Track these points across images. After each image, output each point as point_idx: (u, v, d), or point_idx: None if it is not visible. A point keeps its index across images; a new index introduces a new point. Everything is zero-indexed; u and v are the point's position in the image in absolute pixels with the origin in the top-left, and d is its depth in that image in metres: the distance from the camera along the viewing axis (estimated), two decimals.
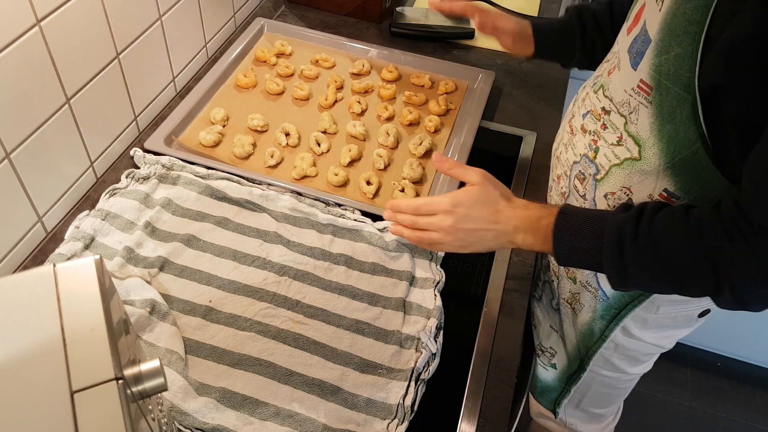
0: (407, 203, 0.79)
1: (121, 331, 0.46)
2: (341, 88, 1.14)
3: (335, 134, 1.04)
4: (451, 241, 0.77)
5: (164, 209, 0.88)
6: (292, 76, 1.16)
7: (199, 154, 0.98)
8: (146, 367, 0.46)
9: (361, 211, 0.92)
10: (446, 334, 0.80)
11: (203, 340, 0.76)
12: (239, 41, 1.19)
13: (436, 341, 0.78)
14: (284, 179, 0.95)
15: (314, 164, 0.98)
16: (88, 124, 0.89)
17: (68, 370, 0.39)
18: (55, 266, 0.45)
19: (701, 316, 0.85)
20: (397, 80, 1.16)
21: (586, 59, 0.94)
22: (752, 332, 1.76)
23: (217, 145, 1.00)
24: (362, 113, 1.09)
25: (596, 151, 0.76)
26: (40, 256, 0.84)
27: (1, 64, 0.71)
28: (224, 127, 1.03)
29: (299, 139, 1.02)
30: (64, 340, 0.40)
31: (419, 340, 0.78)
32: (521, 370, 0.96)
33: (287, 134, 1.02)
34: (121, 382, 0.39)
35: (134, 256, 0.82)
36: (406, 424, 0.71)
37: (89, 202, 0.92)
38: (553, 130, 1.14)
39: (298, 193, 0.93)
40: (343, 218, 0.90)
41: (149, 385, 0.46)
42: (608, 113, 0.74)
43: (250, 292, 0.81)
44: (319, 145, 1.01)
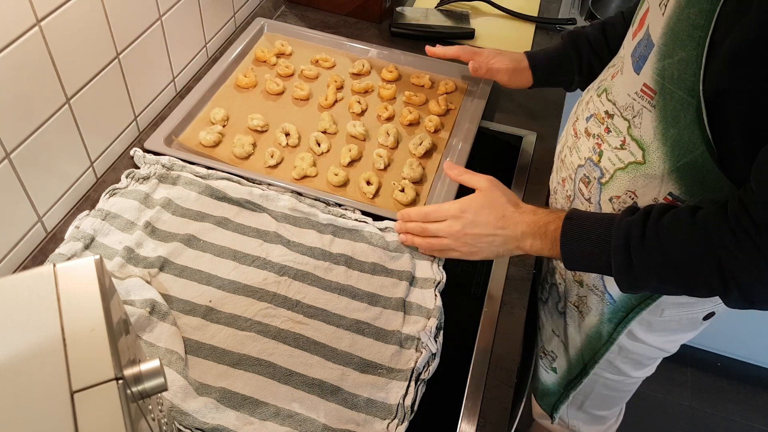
0: (417, 210, 0.83)
1: (121, 331, 0.46)
2: (341, 88, 1.13)
3: (335, 134, 1.04)
4: (459, 246, 0.79)
5: (164, 209, 0.88)
6: (292, 76, 1.16)
7: (199, 154, 0.98)
8: (146, 367, 0.46)
9: (361, 211, 0.92)
10: (446, 334, 0.80)
11: (203, 340, 0.76)
12: (239, 41, 1.19)
13: (436, 341, 0.78)
14: (284, 179, 0.95)
15: (314, 164, 0.98)
16: (88, 124, 0.89)
17: (68, 370, 0.39)
18: (55, 266, 0.45)
19: (706, 318, 0.85)
20: (397, 80, 1.16)
21: (586, 81, 0.94)
22: (752, 332, 1.76)
23: (217, 145, 1.00)
24: (362, 113, 1.09)
25: (600, 154, 0.76)
26: (40, 256, 0.84)
27: (1, 64, 0.71)
28: (224, 127, 1.03)
29: (299, 139, 1.02)
30: (64, 340, 0.40)
31: (419, 340, 0.78)
32: (521, 370, 0.96)
33: (287, 134, 1.02)
34: (121, 382, 0.39)
35: (134, 256, 0.82)
36: (406, 424, 0.71)
37: (89, 202, 0.92)
38: (553, 130, 1.14)
39: (298, 193, 0.93)
40: (343, 218, 0.90)
41: (149, 385, 0.46)
42: (612, 117, 0.74)
43: (250, 292, 0.81)
44: (319, 145, 1.01)
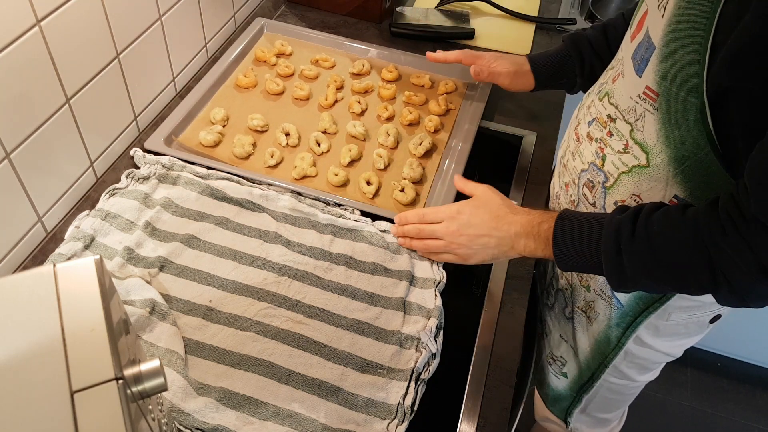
0: (414, 212, 0.85)
1: (121, 331, 0.46)
2: (341, 88, 1.13)
3: (335, 134, 1.04)
4: (455, 248, 0.80)
5: (164, 209, 0.88)
6: (292, 76, 1.16)
7: (199, 154, 0.98)
8: (146, 367, 0.46)
9: (361, 211, 0.92)
10: (446, 334, 0.80)
11: (203, 340, 0.76)
12: (239, 41, 1.19)
13: (436, 341, 0.78)
14: (284, 179, 0.95)
15: (314, 164, 0.98)
16: (88, 124, 0.89)
17: (68, 370, 0.39)
18: (55, 266, 0.45)
19: (712, 321, 0.85)
20: (397, 80, 1.16)
21: (588, 83, 0.94)
22: (752, 332, 1.76)
23: (217, 145, 1.00)
24: (362, 113, 1.09)
25: (603, 159, 0.76)
26: (40, 256, 0.84)
27: (1, 64, 0.71)
28: (224, 127, 1.03)
29: (299, 139, 1.02)
30: (64, 340, 0.40)
31: (419, 340, 0.78)
32: (521, 370, 0.96)
33: (287, 134, 1.02)
34: (121, 382, 0.39)
35: (134, 256, 0.82)
36: (406, 424, 0.71)
37: (89, 202, 0.92)
38: (553, 130, 1.14)
39: (298, 193, 0.93)
40: (343, 218, 0.90)
41: (149, 385, 0.46)
42: (614, 121, 0.74)
43: (250, 292, 0.81)
44: (319, 145, 1.01)
